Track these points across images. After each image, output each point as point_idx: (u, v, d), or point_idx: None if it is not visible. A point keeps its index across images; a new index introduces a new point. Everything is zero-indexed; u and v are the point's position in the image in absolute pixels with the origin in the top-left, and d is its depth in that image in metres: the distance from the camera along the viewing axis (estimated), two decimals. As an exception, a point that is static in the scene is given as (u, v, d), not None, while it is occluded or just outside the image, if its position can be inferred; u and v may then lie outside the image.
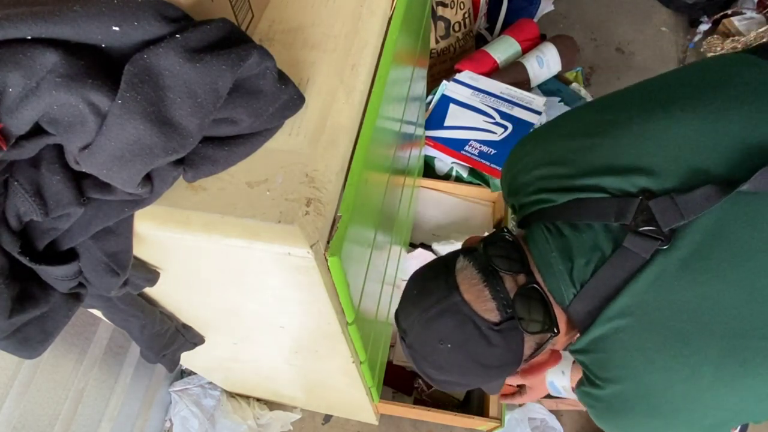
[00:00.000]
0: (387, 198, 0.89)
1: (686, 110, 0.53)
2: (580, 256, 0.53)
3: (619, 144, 0.54)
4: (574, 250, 0.54)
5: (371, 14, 0.66)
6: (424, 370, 0.62)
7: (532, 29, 1.80)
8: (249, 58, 0.45)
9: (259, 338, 0.88)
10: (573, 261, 0.54)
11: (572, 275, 0.54)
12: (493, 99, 1.60)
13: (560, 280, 0.55)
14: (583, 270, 0.53)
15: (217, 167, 0.52)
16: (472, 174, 1.55)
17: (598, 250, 0.53)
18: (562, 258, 0.55)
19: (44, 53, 0.39)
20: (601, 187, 0.53)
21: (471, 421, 1.24)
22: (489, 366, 0.58)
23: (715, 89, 0.54)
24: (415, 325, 0.59)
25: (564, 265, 0.55)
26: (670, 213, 0.48)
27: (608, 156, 0.54)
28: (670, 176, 0.50)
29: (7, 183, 0.46)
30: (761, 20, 1.98)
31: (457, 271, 0.58)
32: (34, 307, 0.51)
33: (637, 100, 0.59)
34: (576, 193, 0.55)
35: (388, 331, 1.29)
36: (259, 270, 0.57)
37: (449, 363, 0.58)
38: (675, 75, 0.60)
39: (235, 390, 1.44)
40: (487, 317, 0.55)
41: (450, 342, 0.56)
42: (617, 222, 0.51)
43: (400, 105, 0.90)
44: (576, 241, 0.54)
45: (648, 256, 0.50)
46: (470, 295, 0.56)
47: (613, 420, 0.57)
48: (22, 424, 0.92)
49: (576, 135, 0.60)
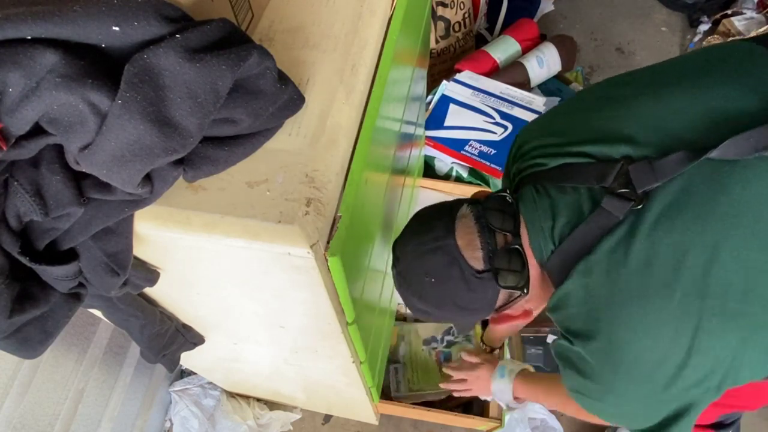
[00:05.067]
0: (387, 198, 0.89)
1: (673, 87, 0.58)
2: (561, 216, 0.57)
3: (608, 117, 0.59)
4: (558, 209, 0.58)
5: (371, 14, 0.66)
6: (407, 296, 0.69)
7: (532, 29, 1.80)
8: (249, 58, 0.45)
9: (259, 338, 0.88)
10: (555, 219, 0.58)
11: (553, 232, 0.58)
12: (493, 99, 1.60)
13: (541, 237, 0.59)
14: (562, 228, 0.57)
15: (217, 167, 0.52)
16: (472, 174, 1.55)
17: (578, 210, 0.56)
18: (545, 216, 0.59)
19: (44, 53, 0.39)
20: (588, 153, 0.58)
21: (471, 421, 1.24)
22: (463, 307, 0.65)
23: (705, 70, 0.59)
24: (408, 255, 0.67)
25: (546, 222, 0.59)
26: (646, 176, 0.52)
27: (597, 127, 0.59)
28: (650, 145, 0.54)
29: (7, 183, 0.46)
30: (761, 20, 1.98)
31: (458, 217, 0.65)
32: (34, 307, 0.51)
33: (633, 82, 0.64)
34: (566, 158, 0.60)
35: (389, 331, 1.29)
36: (259, 270, 0.57)
37: (429, 295, 0.65)
38: (674, 60, 0.65)
39: (235, 390, 1.44)
40: (472, 264, 0.61)
41: (434, 277, 0.63)
42: (598, 185, 0.55)
43: (400, 105, 0.90)
44: (560, 202, 0.58)
45: (622, 216, 0.53)
46: (463, 242, 0.62)
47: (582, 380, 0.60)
48: (22, 424, 0.92)
49: (574, 111, 0.66)
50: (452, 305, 0.65)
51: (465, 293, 0.63)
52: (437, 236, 0.64)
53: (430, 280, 0.63)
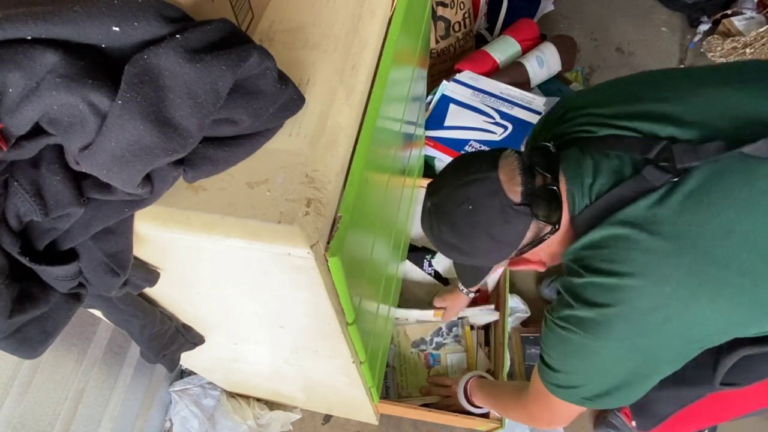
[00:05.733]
0: (387, 198, 0.90)
1: (720, 86, 0.66)
2: (602, 176, 0.65)
3: (659, 98, 0.67)
4: (600, 170, 0.65)
5: (371, 14, 0.66)
6: (439, 226, 0.73)
7: (532, 29, 1.80)
8: (249, 59, 0.45)
9: (259, 338, 0.88)
10: (595, 178, 0.65)
11: (591, 188, 0.65)
12: (493, 99, 1.60)
13: (579, 191, 0.66)
14: (601, 186, 0.65)
15: (217, 167, 0.52)
16: (472, 174, 1.55)
17: (619, 174, 0.64)
18: (587, 174, 0.66)
19: (44, 53, 0.39)
20: (636, 129, 0.65)
21: (471, 422, 1.24)
22: (493, 237, 0.69)
23: (748, 77, 0.67)
24: (447, 187, 0.72)
25: (587, 179, 0.66)
26: (687, 156, 0.60)
27: (648, 106, 0.67)
28: (693, 130, 0.62)
29: (7, 183, 0.46)
30: (761, 20, 1.98)
31: (501, 157, 0.70)
32: (34, 307, 0.51)
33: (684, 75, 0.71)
34: (613, 129, 0.67)
35: (389, 331, 1.30)
36: (259, 270, 0.57)
37: (464, 223, 0.69)
38: (719, 65, 0.74)
39: (235, 390, 1.44)
40: (511, 196, 0.67)
41: (473, 204, 0.68)
42: (642, 156, 0.63)
43: (400, 105, 0.90)
44: (603, 164, 0.65)
45: (659, 185, 0.61)
46: (505, 176, 0.68)
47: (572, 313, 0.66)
48: (22, 424, 0.92)
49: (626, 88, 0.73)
50: (485, 234, 0.69)
51: (500, 223, 0.67)
52: (480, 169, 0.69)
53: (468, 207, 0.68)
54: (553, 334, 0.70)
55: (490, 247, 0.71)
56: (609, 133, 0.67)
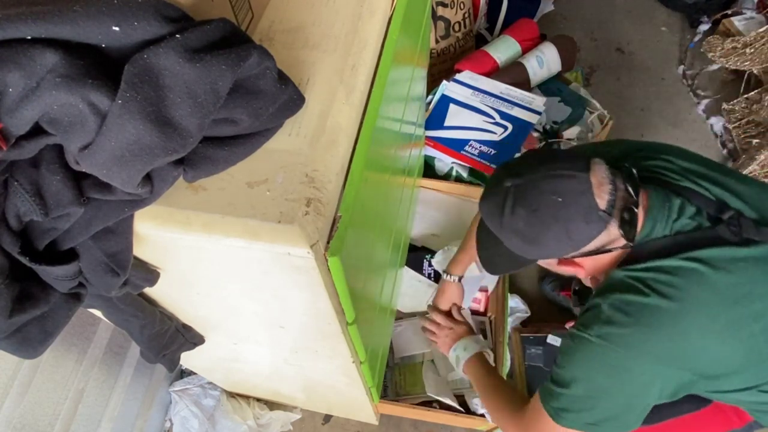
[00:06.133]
0: (387, 198, 0.90)
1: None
2: (685, 217, 0.74)
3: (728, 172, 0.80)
4: (684, 212, 0.75)
5: (371, 14, 0.66)
6: (514, 208, 0.74)
7: (532, 29, 1.80)
8: (249, 58, 0.45)
9: (259, 338, 0.88)
10: (680, 217, 0.74)
11: (674, 224, 0.74)
12: (493, 99, 1.60)
13: (662, 222, 0.74)
14: (683, 225, 0.74)
15: (217, 167, 0.52)
16: (472, 174, 1.54)
17: (699, 221, 0.74)
18: (673, 210, 0.75)
19: (44, 53, 0.39)
20: (710, 191, 0.77)
21: (471, 421, 1.24)
22: (568, 234, 0.72)
23: None
24: (533, 173, 0.74)
25: (672, 215, 0.74)
26: (751, 230, 0.72)
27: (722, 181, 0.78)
28: (755, 213, 0.75)
29: (7, 183, 0.46)
30: (761, 20, 1.98)
31: (592, 162, 0.74)
32: (34, 307, 0.51)
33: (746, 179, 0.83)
34: (692, 184, 0.78)
35: (389, 331, 1.30)
36: (259, 270, 0.57)
37: (546, 212, 0.72)
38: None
39: (235, 390, 1.44)
40: (597, 201, 0.71)
41: (562, 197, 0.71)
42: (715, 214, 0.74)
43: (400, 105, 0.90)
44: (686, 208, 0.75)
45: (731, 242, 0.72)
46: (595, 180, 0.72)
47: (613, 329, 0.72)
48: (22, 424, 0.92)
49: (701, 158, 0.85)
50: (562, 229, 0.72)
51: (580, 223, 0.71)
52: (575, 167, 0.73)
53: (557, 199, 0.71)
54: (583, 349, 0.74)
55: (558, 241, 0.73)
56: (688, 186, 0.77)
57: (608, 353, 0.72)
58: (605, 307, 0.74)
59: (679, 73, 2.14)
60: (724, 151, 1.94)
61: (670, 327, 0.70)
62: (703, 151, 1.95)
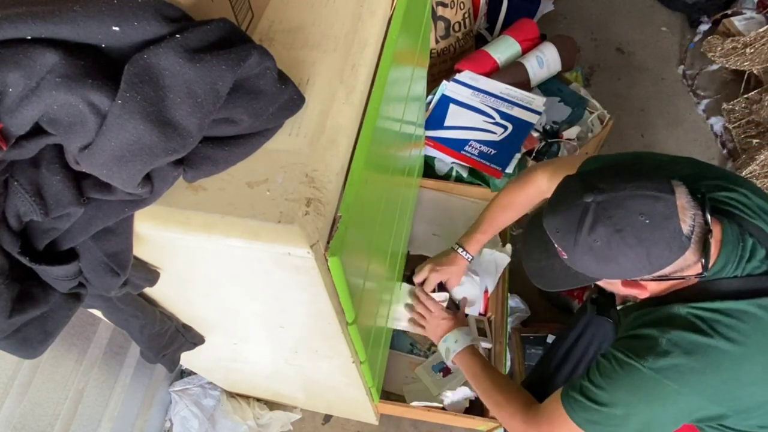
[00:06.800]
0: (387, 198, 0.90)
1: None
2: (756, 260, 0.74)
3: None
4: (755, 254, 0.74)
5: (371, 14, 0.66)
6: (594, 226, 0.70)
7: (532, 29, 1.80)
8: (249, 58, 0.45)
9: (259, 338, 0.88)
10: (751, 258, 0.73)
11: (746, 265, 0.73)
12: (493, 99, 1.60)
13: (734, 261, 0.73)
14: (754, 268, 0.73)
15: (217, 167, 0.52)
16: (472, 174, 1.54)
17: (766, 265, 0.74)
18: (745, 250, 0.73)
19: (44, 53, 0.39)
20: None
21: (471, 421, 1.24)
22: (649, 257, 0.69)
23: None
24: (616, 191, 0.71)
25: (744, 255, 0.73)
26: None
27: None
28: None
29: (7, 183, 0.46)
30: (761, 20, 1.98)
31: (674, 183, 0.72)
32: (34, 307, 0.51)
33: None
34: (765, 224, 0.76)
35: (389, 331, 1.29)
36: (259, 270, 0.57)
37: (631, 233, 0.69)
38: None
39: (235, 390, 1.44)
40: (681, 226, 0.69)
41: (649, 219, 0.68)
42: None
43: (400, 105, 0.90)
44: (757, 251, 0.74)
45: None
46: (680, 203, 0.70)
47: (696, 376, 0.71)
48: (22, 424, 0.92)
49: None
50: (644, 251, 0.69)
51: (662, 246, 0.69)
52: (661, 188, 0.70)
53: (645, 221, 0.68)
54: (632, 377, 0.73)
55: (636, 263, 0.70)
56: (761, 226, 0.76)
57: (659, 386, 0.71)
58: (663, 341, 0.72)
59: (679, 73, 2.14)
60: (724, 151, 1.94)
61: (727, 371, 0.70)
62: (703, 151, 1.95)
